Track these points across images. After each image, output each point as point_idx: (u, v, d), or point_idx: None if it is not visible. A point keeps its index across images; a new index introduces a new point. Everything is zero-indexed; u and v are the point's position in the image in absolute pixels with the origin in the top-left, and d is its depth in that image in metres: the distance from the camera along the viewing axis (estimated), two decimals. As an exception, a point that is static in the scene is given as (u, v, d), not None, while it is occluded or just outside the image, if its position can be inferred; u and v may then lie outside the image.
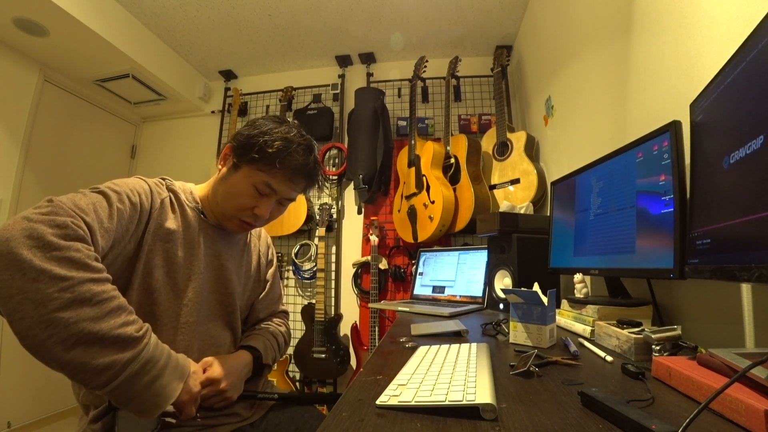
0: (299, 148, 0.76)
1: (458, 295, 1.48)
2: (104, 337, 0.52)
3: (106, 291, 0.55)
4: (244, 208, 0.77)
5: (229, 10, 2.10)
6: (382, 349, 0.79)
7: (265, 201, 0.77)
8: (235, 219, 0.78)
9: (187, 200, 0.78)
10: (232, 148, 0.78)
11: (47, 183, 2.24)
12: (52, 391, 2.16)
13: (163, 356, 0.58)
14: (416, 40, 2.39)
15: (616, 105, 1.16)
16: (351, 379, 2.17)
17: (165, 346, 0.60)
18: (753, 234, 0.48)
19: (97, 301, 0.53)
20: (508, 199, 1.84)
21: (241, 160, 0.75)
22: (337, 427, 0.41)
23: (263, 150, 0.73)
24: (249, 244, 0.92)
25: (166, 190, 0.76)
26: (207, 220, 0.80)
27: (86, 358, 0.51)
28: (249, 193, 0.76)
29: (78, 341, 0.50)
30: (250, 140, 0.75)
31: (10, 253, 0.49)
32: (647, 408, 0.44)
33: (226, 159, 0.79)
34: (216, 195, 0.79)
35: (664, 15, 0.91)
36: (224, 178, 0.78)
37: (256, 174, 0.75)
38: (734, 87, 0.55)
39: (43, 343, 0.49)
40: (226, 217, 0.79)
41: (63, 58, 2.12)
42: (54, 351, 0.50)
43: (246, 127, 0.78)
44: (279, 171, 0.75)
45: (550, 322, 0.76)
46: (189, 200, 0.79)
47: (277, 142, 0.74)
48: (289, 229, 2.24)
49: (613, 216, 0.87)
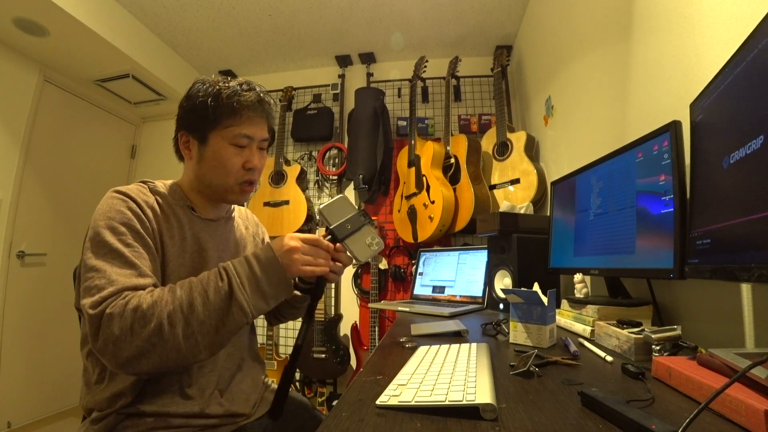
0: (241, 88, 0.75)
1: (458, 295, 1.48)
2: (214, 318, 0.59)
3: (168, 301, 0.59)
4: (237, 169, 0.76)
5: (229, 10, 2.10)
6: (382, 349, 0.79)
7: (249, 151, 0.77)
8: (235, 186, 0.78)
9: (173, 198, 0.77)
10: (186, 129, 0.77)
11: (47, 183, 2.24)
12: (52, 391, 2.16)
13: (250, 264, 0.63)
14: (416, 40, 2.39)
15: (616, 105, 1.16)
16: (351, 379, 2.17)
17: (241, 257, 0.65)
18: (753, 234, 0.48)
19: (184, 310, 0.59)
20: (508, 199, 1.84)
21: (205, 130, 0.75)
22: (337, 427, 0.41)
23: (217, 108, 0.73)
24: (242, 233, 0.91)
25: (150, 194, 0.75)
26: (199, 215, 0.79)
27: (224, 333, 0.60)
28: (232, 152, 0.75)
29: (214, 339, 0.60)
30: (199, 108, 0.74)
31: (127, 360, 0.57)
32: (647, 408, 0.44)
33: (186, 144, 0.78)
34: (203, 179, 0.78)
35: (664, 15, 0.91)
36: (200, 159, 0.77)
37: (226, 132, 0.74)
38: (734, 87, 0.55)
39: (208, 347, 0.60)
40: (227, 190, 0.78)
41: (63, 58, 2.12)
42: (216, 343, 0.60)
43: (185, 105, 0.77)
44: (243, 116, 0.75)
45: (550, 322, 0.76)
46: (177, 198, 0.78)
47: (222, 94, 0.73)
48: (289, 229, 2.24)
49: (613, 216, 0.87)
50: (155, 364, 0.57)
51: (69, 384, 2.23)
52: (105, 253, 0.63)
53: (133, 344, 0.56)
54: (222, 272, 0.62)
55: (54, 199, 2.28)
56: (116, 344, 0.56)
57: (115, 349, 0.56)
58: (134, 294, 0.59)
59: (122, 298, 0.58)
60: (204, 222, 0.80)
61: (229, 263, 0.64)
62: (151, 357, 0.57)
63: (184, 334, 0.58)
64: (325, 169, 2.46)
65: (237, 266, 0.63)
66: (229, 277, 0.61)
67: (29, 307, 2.10)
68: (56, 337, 2.21)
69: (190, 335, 0.58)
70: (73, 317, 0.87)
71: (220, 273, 0.62)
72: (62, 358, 2.21)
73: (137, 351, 0.56)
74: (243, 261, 0.64)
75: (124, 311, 0.57)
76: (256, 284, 0.62)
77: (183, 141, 0.79)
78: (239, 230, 0.91)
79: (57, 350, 2.20)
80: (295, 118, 2.53)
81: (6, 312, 1.97)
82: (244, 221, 0.95)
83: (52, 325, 2.20)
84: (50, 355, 2.17)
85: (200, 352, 0.59)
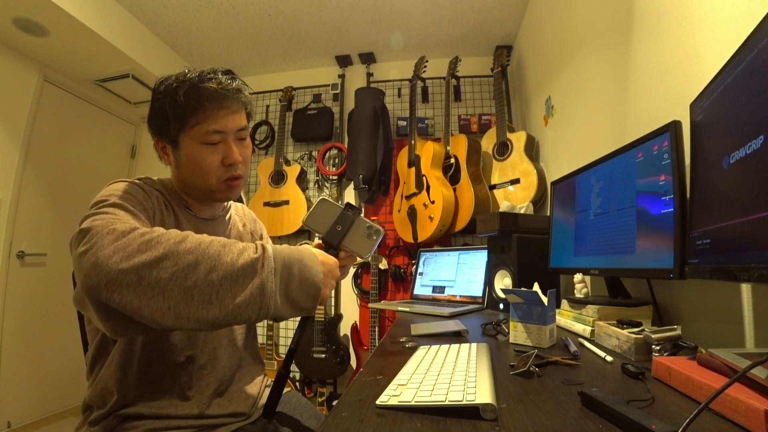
0: (199, 77, 0.69)
1: (458, 295, 1.48)
2: (232, 274, 0.52)
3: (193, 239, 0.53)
4: (216, 168, 0.72)
5: (229, 10, 2.10)
6: (382, 349, 0.79)
7: (224, 146, 0.72)
8: (220, 184, 0.74)
9: (173, 198, 0.76)
10: (157, 136, 0.73)
11: (47, 183, 2.24)
12: (52, 391, 2.16)
13: (287, 255, 0.57)
14: (416, 40, 2.39)
15: (616, 105, 1.16)
16: (351, 379, 2.17)
17: (283, 249, 0.59)
18: (753, 234, 0.48)
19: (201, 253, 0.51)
20: (508, 199, 1.84)
21: (174, 135, 0.69)
22: (337, 427, 0.41)
23: (176, 108, 0.67)
24: (240, 230, 0.90)
25: (153, 188, 0.73)
26: (195, 215, 0.79)
27: (230, 302, 0.51)
28: (206, 151, 0.70)
29: (216, 292, 0.50)
30: (161, 113, 0.69)
31: (107, 274, 0.47)
32: (647, 408, 0.44)
33: (164, 150, 0.75)
34: (186, 183, 0.75)
35: (664, 15, 0.91)
36: (178, 164, 0.73)
37: (194, 131, 0.68)
38: (734, 87, 0.55)
39: (195, 316, 0.49)
40: (212, 190, 0.74)
41: (63, 58, 2.12)
42: (204, 316, 0.50)
43: (150, 111, 0.72)
44: (206, 111, 0.68)
45: (550, 322, 0.76)
46: (174, 198, 0.77)
47: (180, 91, 0.67)
48: (289, 229, 2.24)
49: (613, 216, 0.87)
50: (129, 304, 0.47)
51: (69, 384, 2.23)
52: (107, 207, 0.58)
53: (119, 266, 0.47)
54: (259, 246, 0.56)
55: (54, 199, 2.28)
56: (99, 259, 0.47)
57: (95, 265, 0.47)
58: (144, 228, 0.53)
59: (131, 225, 0.52)
60: (202, 221, 0.80)
61: (269, 246, 0.57)
62: (128, 293, 0.47)
63: (186, 284, 0.49)
64: (325, 169, 2.46)
65: (276, 254, 0.57)
66: (265, 256, 0.55)
67: (29, 307, 2.10)
68: (56, 337, 2.21)
69: (191, 288, 0.49)
70: (74, 317, 0.87)
71: (256, 246, 0.56)
72: (62, 358, 2.20)
73: (118, 277, 0.46)
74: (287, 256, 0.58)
75: (130, 231, 0.50)
76: (287, 281, 0.56)
77: (160, 147, 0.75)
78: (237, 228, 0.90)
79: (57, 350, 2.20)
80: (295, 118, 2.53)
81: (6, 312, 1.97)
82: (241, 218, 0.94)
83: (52, 325, 2.20)
84: (50, 355, 2.17)
85: (184, 319, 0.49)
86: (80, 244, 0.50)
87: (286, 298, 0.56)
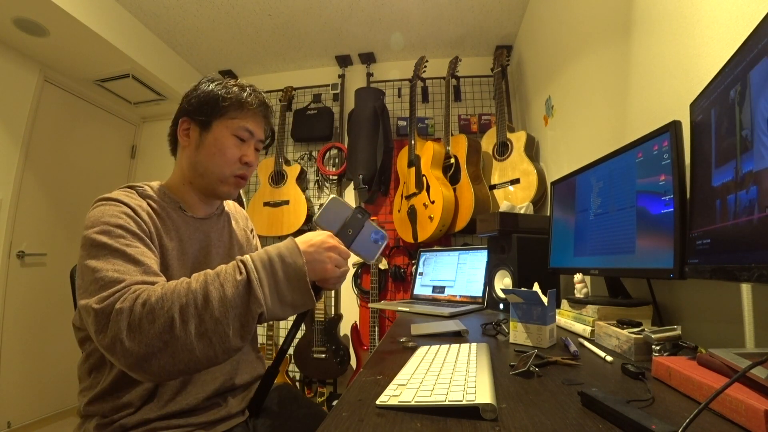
0: (250, 89, 0.79)
1: (458, 295, 1.48)
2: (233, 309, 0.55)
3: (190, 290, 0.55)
4: (234, 161, 0.77)
5: (229, 10, 2.10)
6: (382, 349, 0.79)
7: (247, 146, 0.79)
8: (230, 177, 0.78)
9: (163, 200, 0.75)
10: (188, 115, 0.78)
11: (47, 183, 2.24)
12: (52, 391, 2.16)
13: (271, 259, 0.59)
14: (416, 40, 2.39)
15: (616, 105, 1.16)
16: (351, 379, 2.17)
17: (263, 252, 0.61)
18: (753, 234, 0.48)
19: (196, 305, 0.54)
20: (508, 199, 1.84)
21: (210, 117, 0.76)
22: (337, 427, 0.41)
23: (226, 100, 0.76)
24: (234, 227, 0.91)
25: (140, 198, 0.72)
26: (191, 215, 0.79)
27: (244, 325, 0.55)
28: (232, 143, 0.77)
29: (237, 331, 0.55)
30: (209, 97, 0.76)
31: (138, 355, 0.51)
32: (647, 408, 0.44)
33: (187, 131, 0.79)
34: (197, 167, 0.77)
35: (664, 15, 0.91)
36: (198, 145, 0.77)
37: (231, 122, 0.77)
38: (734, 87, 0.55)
39: (222, 350, 0.54)
40: (221, 180, 0.77)
41: (63, 58, 2.12)
42: (229, 347, 0.55)
43: (193, 94, 0.78)
44: (249, 111, 0.78)
45: (550, 322, 0.76)
46: (166, 200, 0.76)
47: (232, 89, 0.77)
48: (289, 228, 2.24)
49: (613, 216, 0.87)
50: (166, 365, 0.52)
51: (69, 384, 2.22)
52: (105, 254, 0.59)
53: (143, 342, 0.51)
54: (240, 265, 0.58)
55: (54, 199, 2.28)
56: (125, 342, 0.51)
57: (124, 348, 0.51)
58: (144, 288, 0.55)
59: (132, 292, 0.54)
60: (198, 221, 0.80)
61: (247, 257, 0.59)
62: (161, 357, 0.52)
63: (197, 333, 0.52)
64: (325, 169, 2.46)
65: (256, 260, 0.59)
66: (248, 271, 0.57)
67: (29, 307, 2.10)
68: (56, 337, 2.21)
69: (203, 334, 0.53)
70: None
71: (238, 266, 0.58)
72: (62, 358, 2.20)
73: (147, 350, 0.51)
74: (264, 255, 0.60)
75: (134, 305, 0.53)
76: (275, 285, 0.58)
77: (183, 128, 0.79)
78: (231, 225, 0.91)
79: (57, 350, 2.20)
80: (295, 118, 2.53)
81: (6, 312, 1.97)
82: (233, 215, 0.95)
83: (52, 325, 2.20)
84: (50, 355, 2.17)
85: (216, 356, 0.54)
86: (100, 333, 0.53)
87: (280, 302, 0.59)
